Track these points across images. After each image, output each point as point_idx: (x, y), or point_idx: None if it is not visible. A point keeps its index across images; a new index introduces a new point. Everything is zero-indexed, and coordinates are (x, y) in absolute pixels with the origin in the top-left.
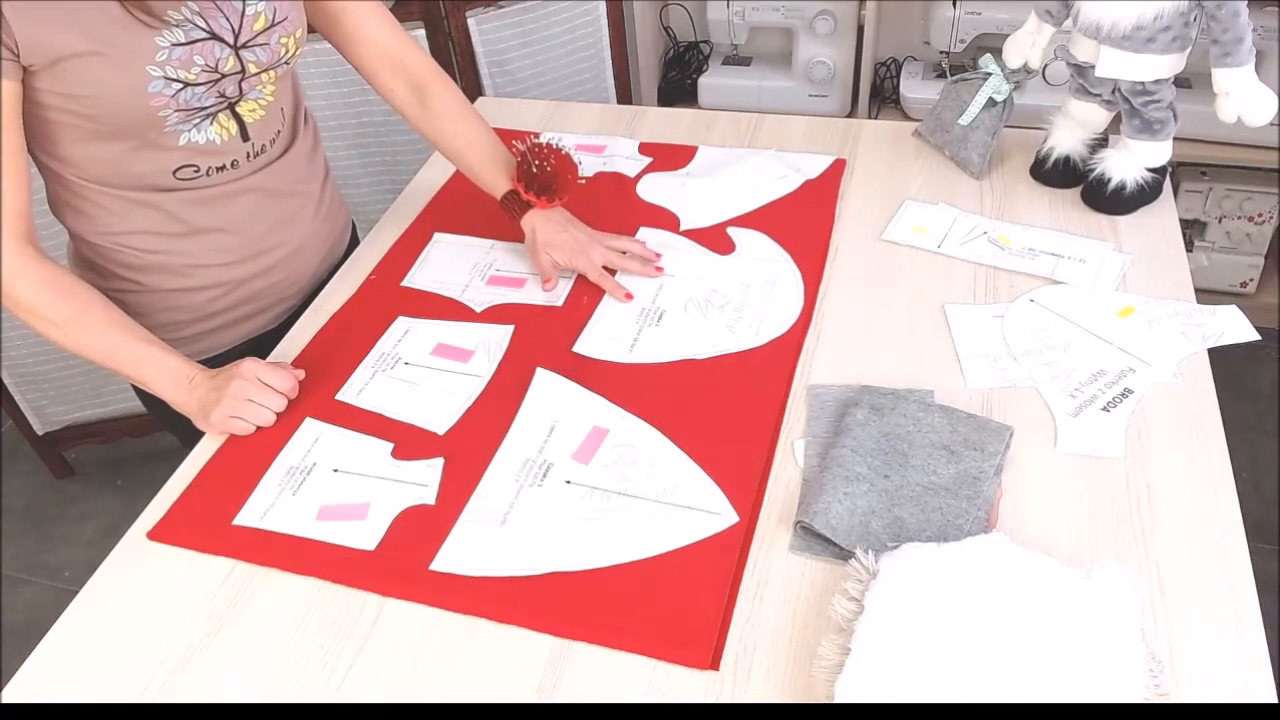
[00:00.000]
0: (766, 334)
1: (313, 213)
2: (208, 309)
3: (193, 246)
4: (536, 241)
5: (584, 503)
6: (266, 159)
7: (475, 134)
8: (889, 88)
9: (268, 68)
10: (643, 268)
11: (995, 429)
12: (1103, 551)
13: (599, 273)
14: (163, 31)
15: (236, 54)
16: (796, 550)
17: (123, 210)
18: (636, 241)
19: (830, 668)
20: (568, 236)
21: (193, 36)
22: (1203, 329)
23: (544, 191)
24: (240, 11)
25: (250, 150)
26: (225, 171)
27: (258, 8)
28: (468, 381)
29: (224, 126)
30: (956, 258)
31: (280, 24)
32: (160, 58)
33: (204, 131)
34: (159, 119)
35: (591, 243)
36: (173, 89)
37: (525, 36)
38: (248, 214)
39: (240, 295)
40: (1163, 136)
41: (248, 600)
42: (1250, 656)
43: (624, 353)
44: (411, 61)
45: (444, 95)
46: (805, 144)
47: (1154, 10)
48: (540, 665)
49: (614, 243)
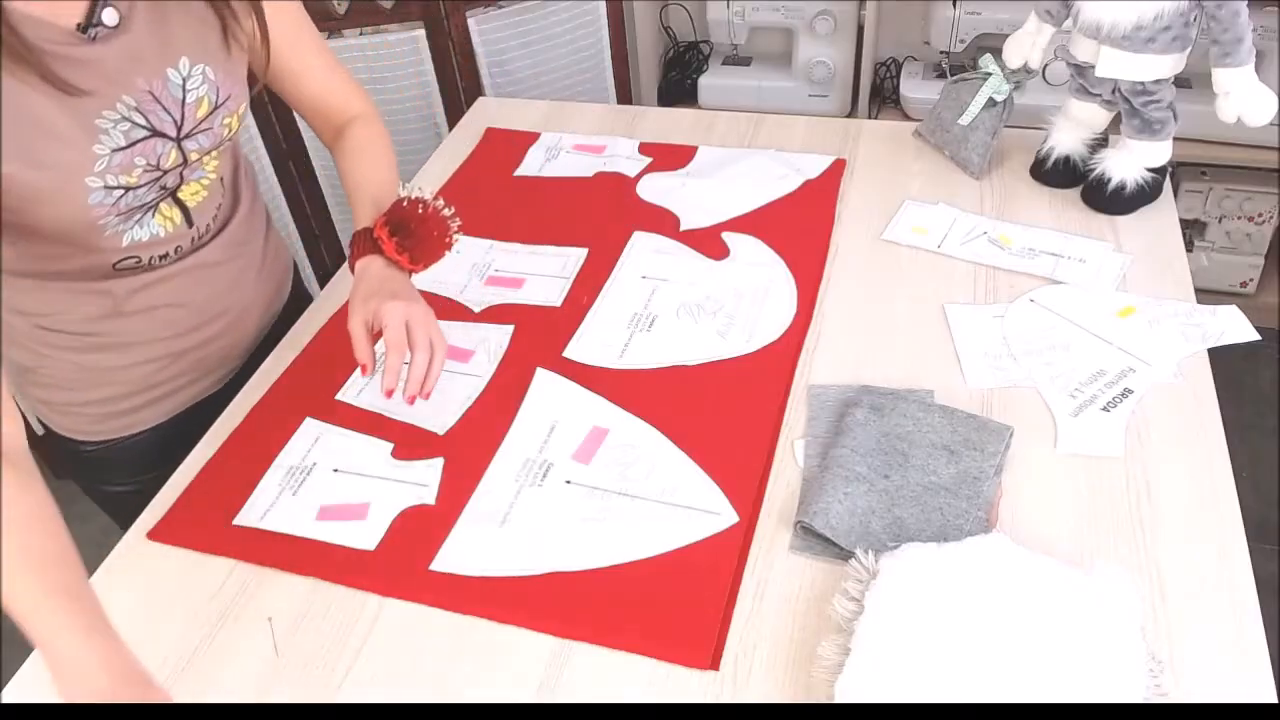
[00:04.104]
0: (758, 341)
1: (256, 272)
2: (149, 381)
3: (132, 325)
4: (358, 292)
5: (584, 503)
6: (210, 235)
7: (370, 173)
8: (889, 88)
9: (210, 150)
10: (413, 371)
11: (995, 429)
12: (1103, 551)
13: (396, 333)
14: (100, 138)
15: (179, 145)
16: (796, 550)
17: (55, 299)
18: (439, 358)
19: (830, 668)
20: (400, 303)
21: (133, 137)
22: (1203, 329)
23: (405, 239)
24: (180, 101)
25: (195, 235)
26: (168, 258)
27: (199, 93)
28: (468, 381)
29: (167, 217)
30: (956, 258)
31: (224, 104)
32: (100, 167)
33: (147, 227)
34: (99, 227)
35: (415, 313)
36: (114, 196)
37: (525, 36)
38: (191, 289)
39: (183, 364)
40: (1163, 136)
41: (248, 600)
42: (1250, 656)
43: (614, 358)
44: (341, 109)
45: (353, 133)
46: (805, 144)
47: (1154, 10)
48: (540, 665)
49: (423, 336)
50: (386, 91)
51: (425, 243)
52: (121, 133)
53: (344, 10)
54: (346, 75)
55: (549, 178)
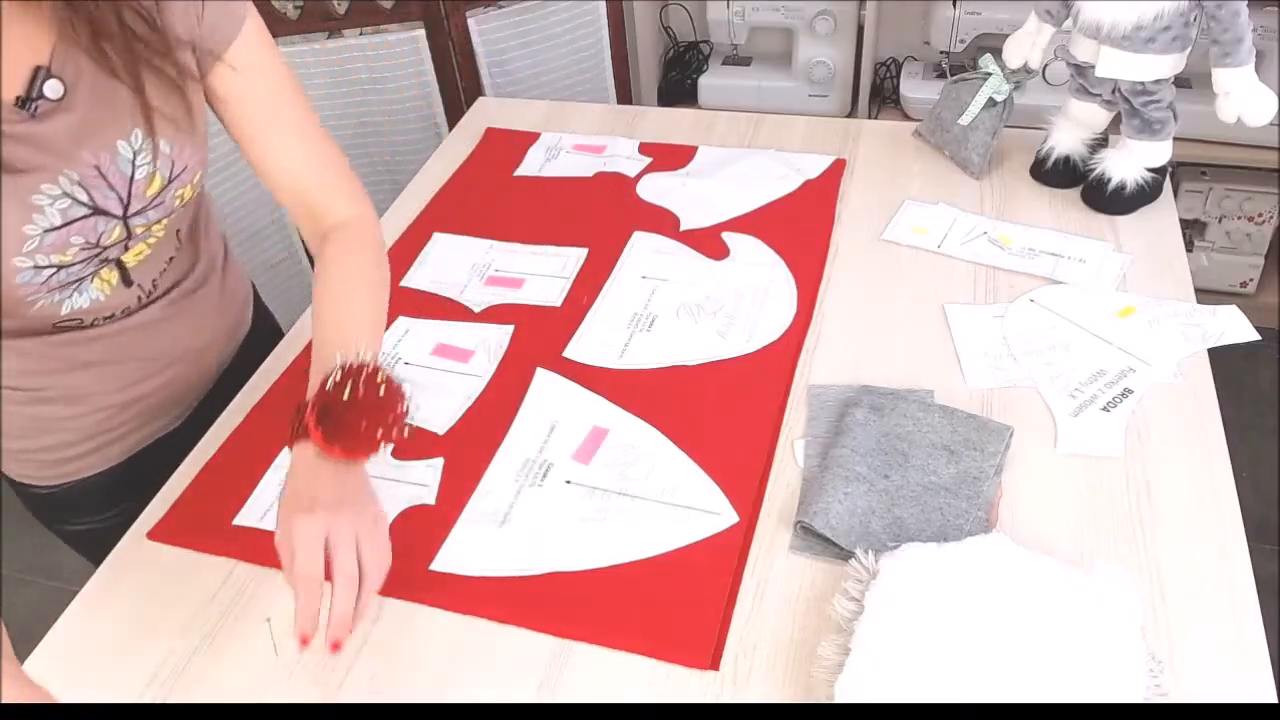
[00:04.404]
0: (758, 341)
1: (213, 312)
2: (100, 428)
3: (78, 380)
4: (284, 494)
5: (584, 503)
6: (159, 292)
7: (339, 317)
8: (889, 88)
9: (160, 220)
10: (334, 611)
11: (995, 429)
12: (1103, 551)
13: (305, 563)
14: (34, 217)
15: (125, 223)
16: (796, 550)
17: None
18: (368, 586)
19: (830, 668)
20: (316, 517)
21: (71, 216)
22: (1203, 329)
23: (332, 427)
24: (129, 177)
25: (139, 296)
26: (114, 318)
27: (149, 169)
28: (467, 381)
29: (105, 280)
30: (956, 258)
31: (178, 178)
32: (29, 247)
33: (85, 294)
34: (28, 302)
35: (337, 529)
36: (44, 275)
37: (525, 36)
38: (141, 343)
39: (136, 410)
40: (1163, 136)
41: (248, 600)
42: (1250, 656)
43: (614, 358)
44: (322, 210)
45: (336, 261)
46: (805, 144)
47: (1154, 10)
48: (540, 665)
49: (345, 558)
50: (386, 91)
51: (357, 433)
52: (59, 210)
53: (344, 10)
54: (338, 170)
55: (549, 178)
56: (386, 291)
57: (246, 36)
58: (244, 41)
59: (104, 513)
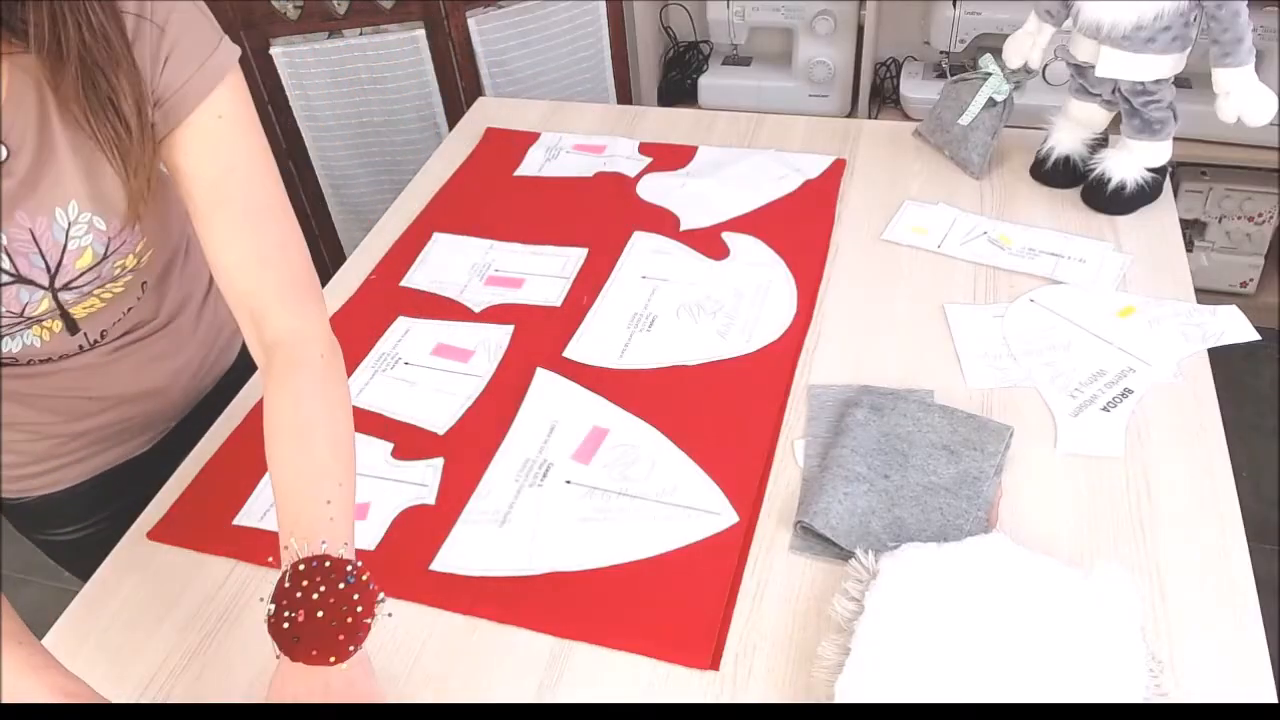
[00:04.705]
0: (758, 341)
1: (185, 343)
2: (50, 454)
3: (15, 410)
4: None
5: (584, 503)
6: (110, 338)
7: (300, 466)
8: (889, 88)
9: (95, 291)
10: None
11: (995, 429)
12: (1103, 551)
13: None
14: None
15: (53, 295)
16: (796, 550)
17: None
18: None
19: (830, 668)
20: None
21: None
22: (1203, 329)
23: (287, 639)
24: (61, 246)
25: (82, 344)
26: (51, 361)
27: (82, 242)
28: (467, 381)
29: (47, 328)
30: (956, 258)
31: (113, 254)
32: None
33: (18, 340)
34: None
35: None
36: None
37: (525, 36)
38: (87, 381)
39: (92, 438)
40: (1163, 136)
41: (248, 600)
42: (1250, 656)
43: (614, 358)
44: (260, 316)
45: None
46: (805, 144)
47: (1154, 10)
48: (540, 665)
49: None
50: (386, 91)
51: (326, 635)
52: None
53: (344, 10)
54: (280, 270)
55: (549, 178)
56: (345, 423)
57: (216, 103)
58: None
59: (73, 526)
